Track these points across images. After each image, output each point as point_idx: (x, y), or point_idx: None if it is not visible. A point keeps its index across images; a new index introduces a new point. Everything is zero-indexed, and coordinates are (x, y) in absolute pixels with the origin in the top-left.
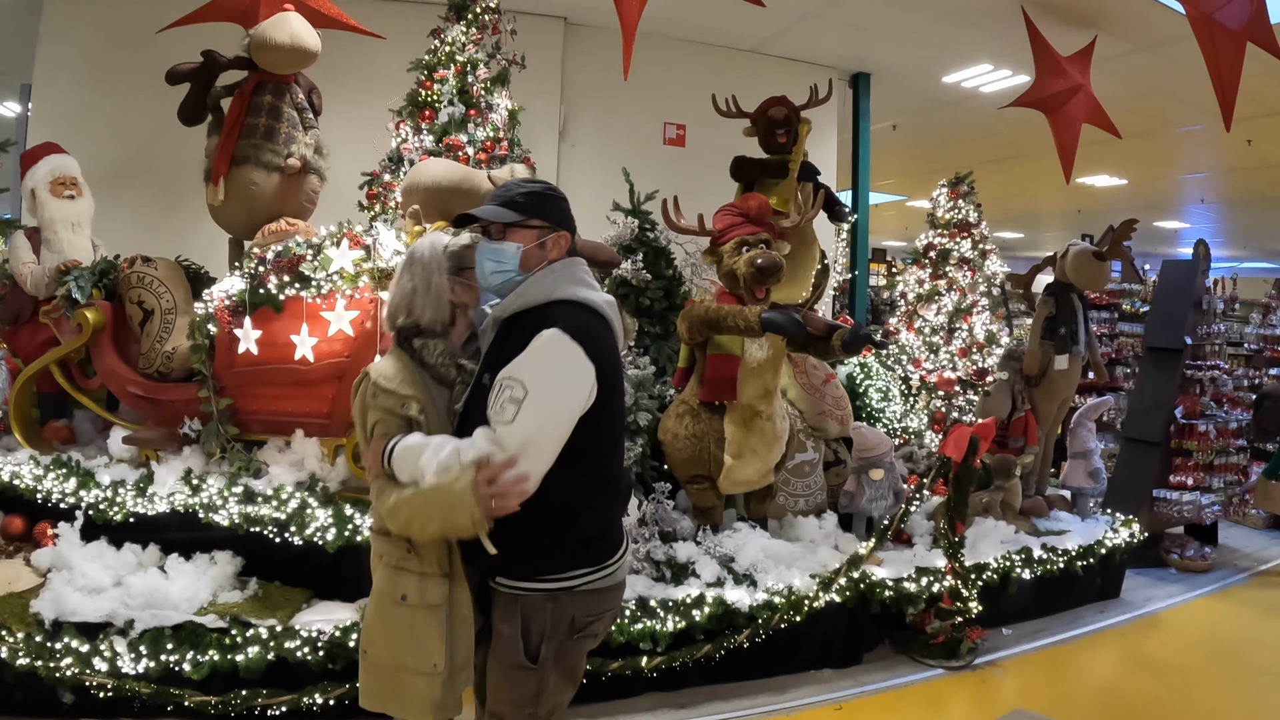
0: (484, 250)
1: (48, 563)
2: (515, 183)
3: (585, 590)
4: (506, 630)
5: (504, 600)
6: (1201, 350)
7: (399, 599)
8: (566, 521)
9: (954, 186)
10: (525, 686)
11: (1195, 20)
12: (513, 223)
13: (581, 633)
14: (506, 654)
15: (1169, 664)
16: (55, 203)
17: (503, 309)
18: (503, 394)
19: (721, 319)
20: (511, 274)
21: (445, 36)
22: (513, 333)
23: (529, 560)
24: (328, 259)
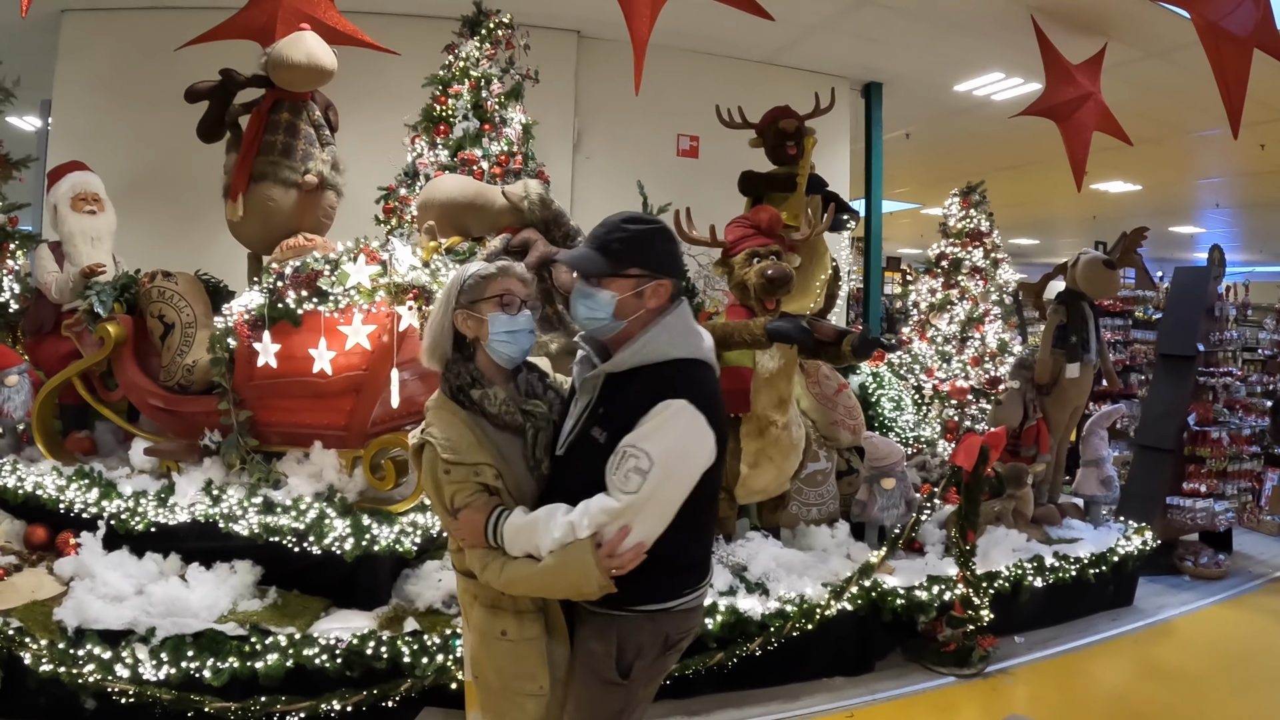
0: (578, 293)
1: (70, 571)
2: (616, 223)
3: (682, 610)
4: (599, 648)
5: (597, 620)
6: (1214, 357)
7: (499, 634)
8: (675, 554)
9: (965, 196)
10: (612, 703)
11: (1201, 27)
12: (606, 274)
13: (673, 649)
14: (596, 670)
15: (1181, 672)
16: (75, 217)
17: (615, 365)
18: (627, 463)
19: (728, 335)
20: (605, 321)
21: (459, 52)
22: (626, 388)
23: (637, 592)
24: (345, 274)
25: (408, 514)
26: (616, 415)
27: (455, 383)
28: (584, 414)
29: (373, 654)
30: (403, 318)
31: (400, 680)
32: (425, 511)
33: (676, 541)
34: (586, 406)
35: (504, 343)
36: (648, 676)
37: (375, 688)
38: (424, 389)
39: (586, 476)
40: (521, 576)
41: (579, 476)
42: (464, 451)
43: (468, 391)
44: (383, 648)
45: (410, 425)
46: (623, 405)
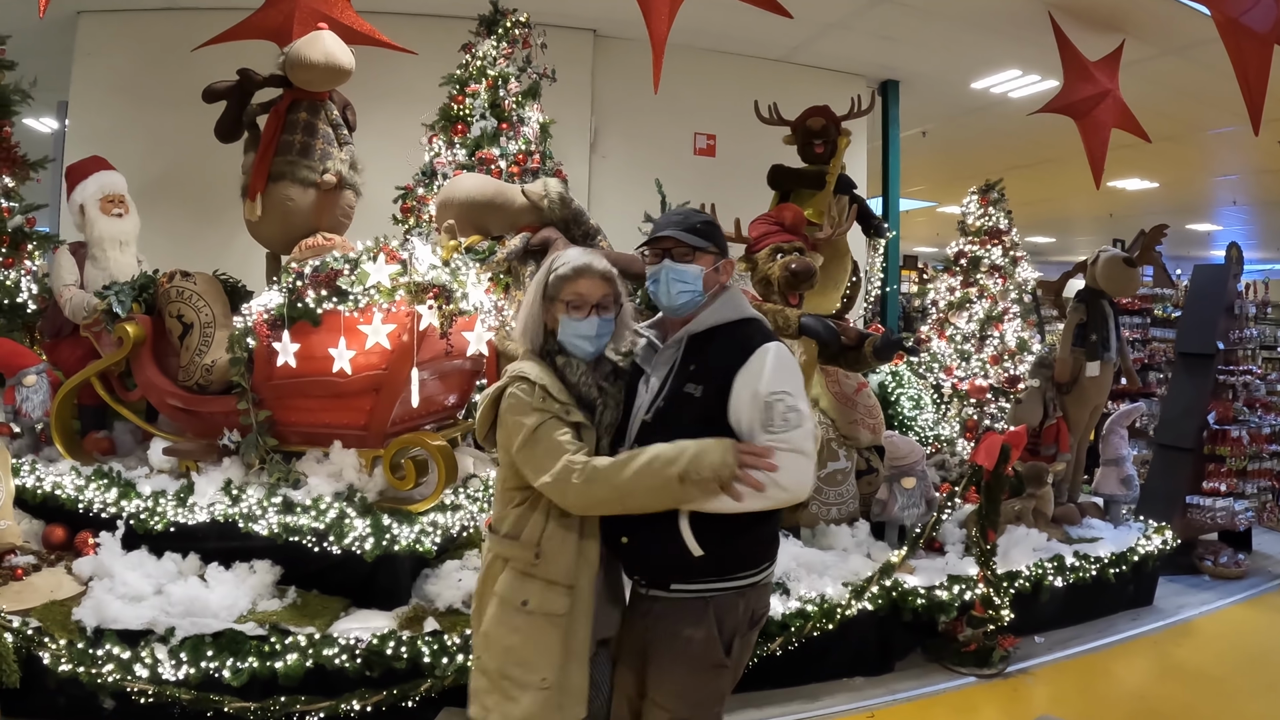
0: (671, 271)
1: (89, 571)
2: (690, 211)
3: (763, 584)
4: (699, 634)
5: (690, 606)
6: (1234, 355)
7: (520, 604)
8: (763, 521)
9: (984, 194)
10: (719, 685)
11: (1221, 24)
12: (699, 248)
13: (756, 624)
14: (702, 657)
15: (1201, 672)
16: (105, 221)
17: (698, 324)
18: (776, 408)
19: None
20: (695, 294)
21: (476, 51)
22: (710, 346)
23: (732, 559)
24: (364, 273)
25: (428, 514)
26: (708, 368)
27: (545, 347)
28: (669, 378)
29: (392, 654)
30: (423, 317)
31: (420, 680)
32: (445, 511)
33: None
34: (669, 371)
35: (572, 344)
36: (742, 653)
37: (395, 688)
38: (443, 389)
39: (681, 430)
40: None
41: (673, 431)
42: (556, 393)
43: (554, 357)
44: (402, 648)
45: (431, 425)
46: (712, 357)
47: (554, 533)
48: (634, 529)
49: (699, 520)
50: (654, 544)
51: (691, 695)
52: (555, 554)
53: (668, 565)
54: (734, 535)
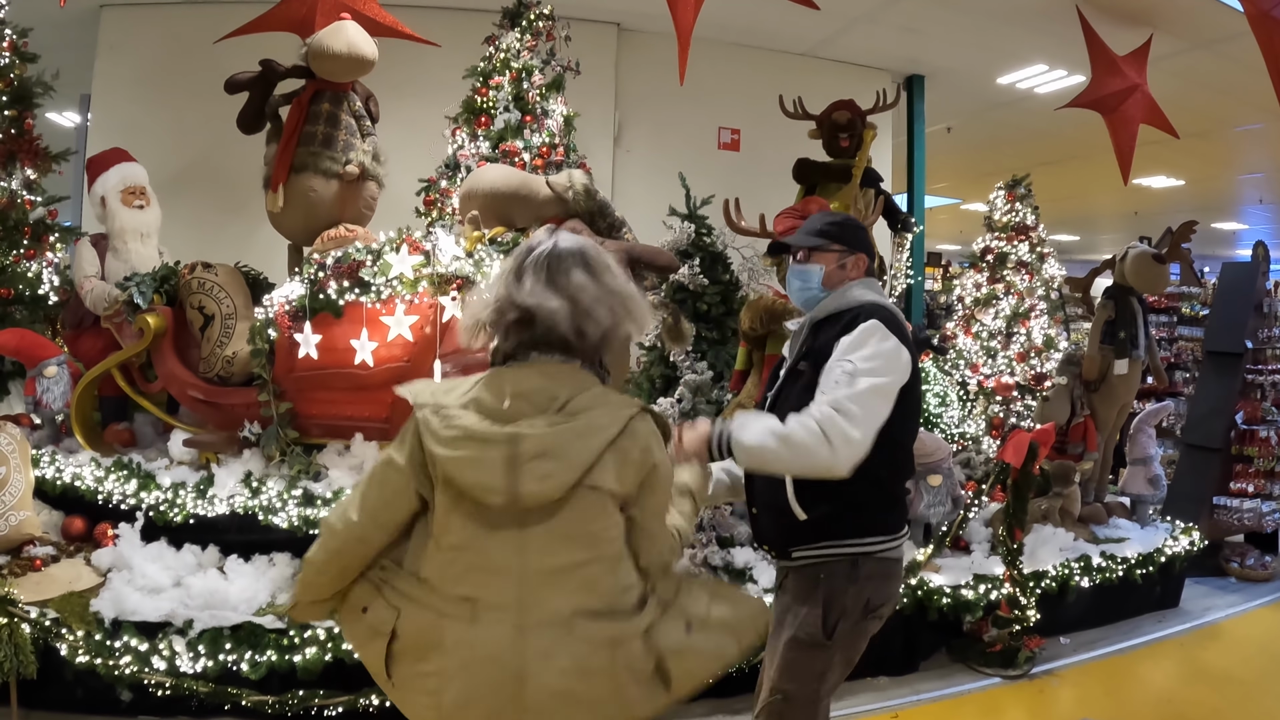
0: (792, 271)
1: (108, 563)
2: (820, 214)
3: (881, 557)
4: (806, 609)
5: (804, 577)
6: (1263, 354)
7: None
8: (873, 486)
9: (1011, 189)
10: (818, 663)
11: (1254, 17)
12: (814, 246)
13: (874, 614)
14: (804, 631)
15: (1228, 675)
16: (126, 212)
17: (819, 311)
18: (832, 374)
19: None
20: (815, 291)
21: (500, 43)
22: (825, 330)
23: (838, 518)
24: (387, 265)
25: None
26: (819, 348)
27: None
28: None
29: None
30: (446, 309)
31: None
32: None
33: (875, 474)
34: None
35: None
36: (850, 639)
37: None
38: None
39: (789, 400)
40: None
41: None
42: None
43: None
44: None
45: None
46: (824, 339)
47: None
48: (755, 500)
49: (800, 483)
50: (771, 511)
51: (790, 668)
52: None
53: (786, 531)
54: (837, 498)
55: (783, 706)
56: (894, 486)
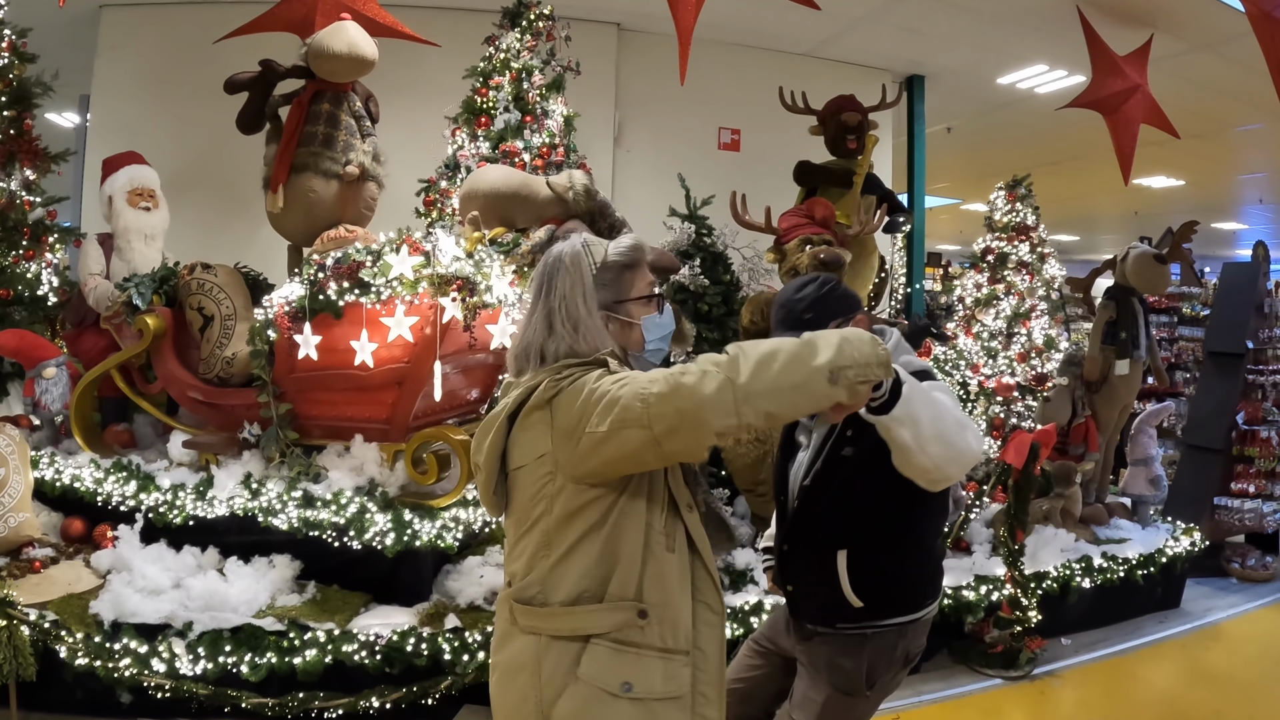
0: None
1: (108, 564)
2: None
3: (923, 622)
4: (849, 664)
5: (848, 639)
6: (1264, 355)
7: (621, 689)
8: (925, 556)
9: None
10: (854, 713)
11: (1255, 17)
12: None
13: (909, 664)
14: (846, 684)
15: (1230, 676)
16: (131, 213)
17: None
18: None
19: None
20: None
21: (500, 44)
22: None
23: (894, 600)
24: (387, 265)
25: (450, 509)
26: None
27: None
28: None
29: (413, 651)
30: (446, 309)
31: (440, 678)
32: (467, 506)
33: (928, 545)
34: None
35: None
36: (887, 688)
37: (415, 685)
38: (466, 382)
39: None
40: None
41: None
42: None
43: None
44: (423, 645)
45: (453, 419)
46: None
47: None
48: (795, 578)
49: (858, 567)
50: (818, 593)
51: (825, 717)
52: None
53: (831, 613)
54: (894, 581)
55: None
56: (940, 552)
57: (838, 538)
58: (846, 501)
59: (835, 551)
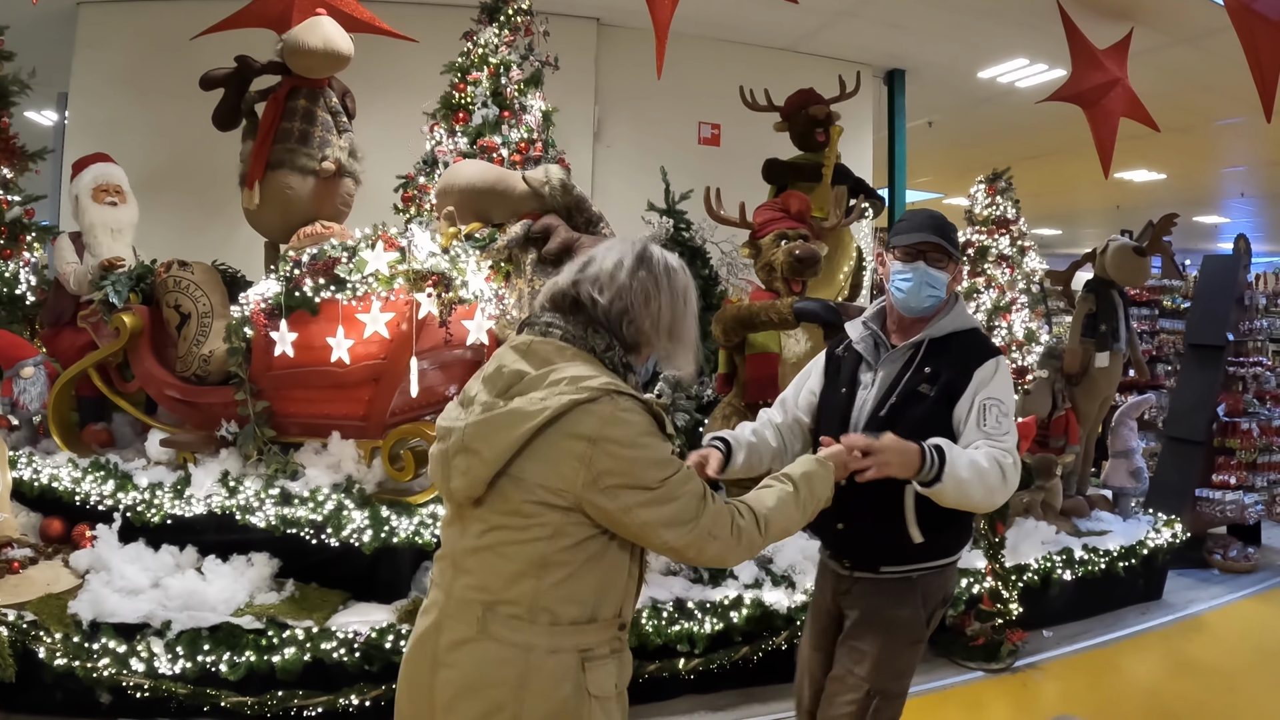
0: (926, 275)
1: (86, 564)
2: (937, 215)
3: (956, 564)
4: (905, 612)
5: (896, 586)
6: (1244, 347)
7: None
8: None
9: (992, 183)
10: (914, 658)
11: (1234, 10)
12: (953, 256)
13: (947, 602)
14: (905, 633)
15: (1212, 667)
16: (96, 208)
17: (937, 329)
18: (992, 412)
19: (754, 315)
20: (938, 299)
21: (478, 39)
22: (946, 352)
23: (947, 541)
24: (363, 261)
25: (427, 505)
26: (946, 371)
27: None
28: (902, 377)
29: (391, 648)
30: (422, 305)
31: None
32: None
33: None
34: (903, 370)
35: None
36: (934, 629)
37: (393, 682)
38: (444, 378)
39: (908, 425)
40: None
41: (900, 426)
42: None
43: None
44: (402, 641)
45: (430, 415)
46: (946, 362)
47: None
48: (851, 516)
49: (924, 504)
50: (872, 530)
51: (893, 668)
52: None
53: (883, 550)
54: (950, 523)
55: (881, 704)
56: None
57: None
58: (918, 437)
59: (903, 487)
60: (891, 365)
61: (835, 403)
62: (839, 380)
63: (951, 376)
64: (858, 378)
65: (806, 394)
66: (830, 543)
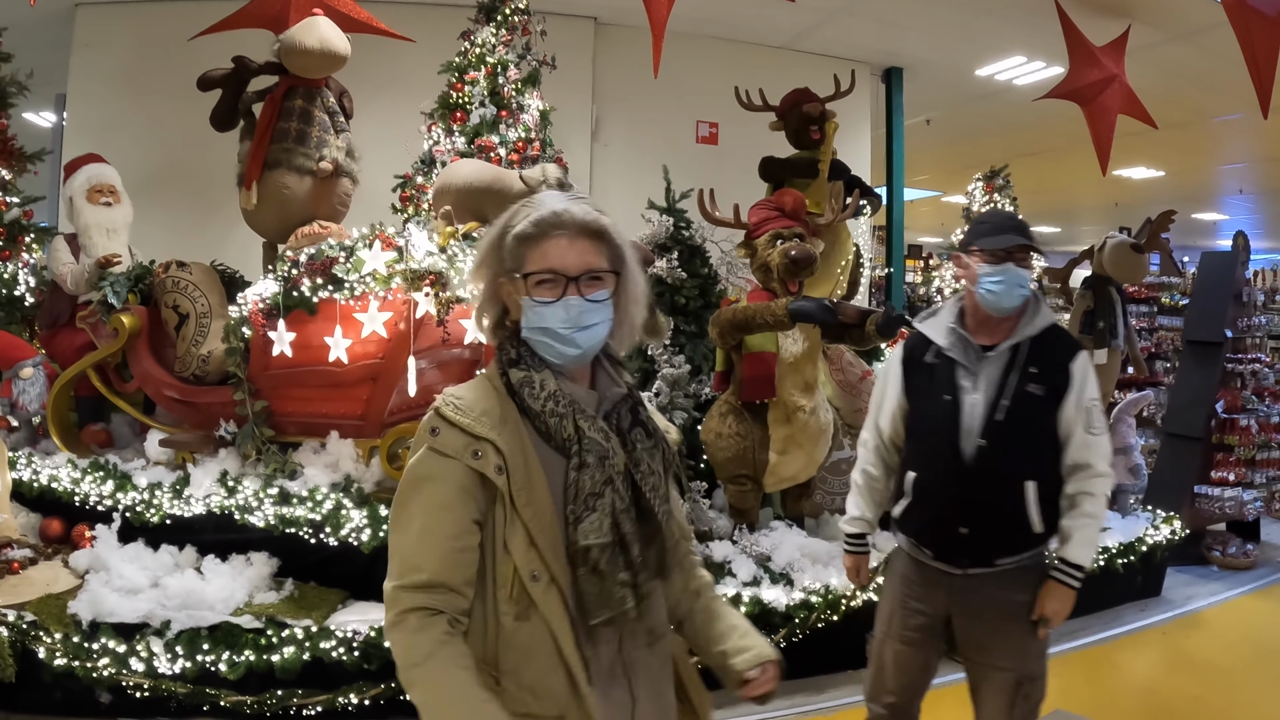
0: (1016, 276)
1: (85, 564)
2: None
3: None
4: (1026, 596)
5: (1013, 575)
6: (1242, 343)
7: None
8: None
9: (989, 180)
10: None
11: (1230, 7)
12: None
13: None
14: (1028, 615)
15: (1210, 663)
16: (90, 209)
17: (1033, 327)
18: (1096, 415)
19: (750, 318)
20: (1026, 297)
21: (475, 38)
22: (1044, 349)
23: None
24: (360, 261)
25: None
26: (1049, 369)
27: (502, 357)
28: (1009, 378)
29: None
30: (419, 304)
31: None
32: None
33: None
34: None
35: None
36: None
37: (393, 681)
38: (442, 377)
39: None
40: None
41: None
42: (475, 417)
43: (508, 371)
44: None
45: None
46: (1051, 360)
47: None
48: (976, 519)
49: (1045, 497)
50: (998, 529)
51: (1032, 650)
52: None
53: (1003, 545)
54: (1056, 512)
55: (1029, 688)
56: None
57: (1027, 469)
58: (1035, 434)
59: (1023, 483)
60: (993, 367)
61: (939, 411)
62: (935, 387)
63: (1054, 374)
64: (957, 382)
65: (892, 418)
66: (945, 547)
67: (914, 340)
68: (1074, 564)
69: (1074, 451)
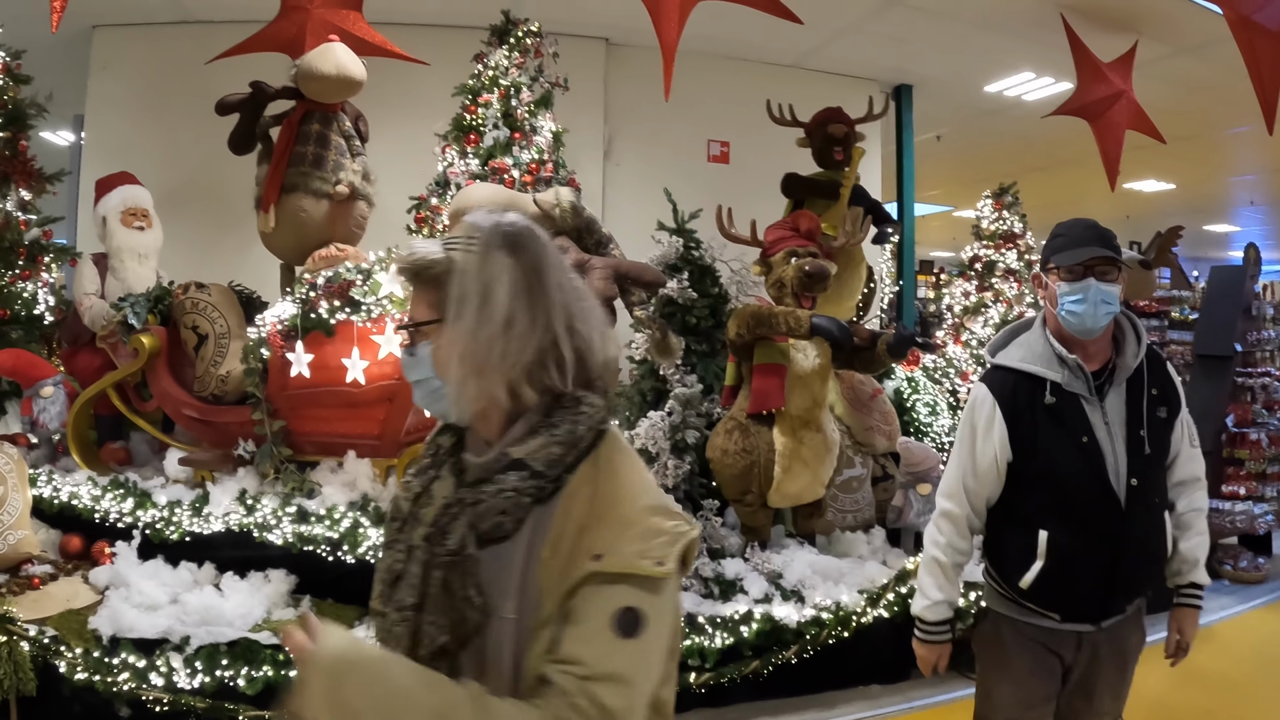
0: (1100, 292)
1: (105, 580)
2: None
3: None
4: (1140, 636)
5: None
6: (1252, 357)
7: None
8: None
9: (998, 198)
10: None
11: (1234, 22)
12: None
13: None
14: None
15: (1221, 677)
16: (124, 232)
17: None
18: (1192, 427)
19: (773, 315)
20: (1114, 312)
21: (488, 61)
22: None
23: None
24: (377, 284)
25: None
26: (1164, 388)
27: None
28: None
29: None
30: None
31: None
32: None
33: None
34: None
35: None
36: None
37: None
38: None
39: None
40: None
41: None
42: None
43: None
44: None
45: None
46: (1161, 377)
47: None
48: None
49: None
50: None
51: (1126, 691)
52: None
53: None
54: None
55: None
56: None
57: (1165, 499)
58: (1164, 459)
59: (1164, 514)
60: (1117, 396)
61: (1075, 456)
62: (1064, 430)
63: (1168, 391)
64: (1087, 419)
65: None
66: (1088, 605)
67: (1004, 380)
68: (1201, 585)
69: (1182, 467)
